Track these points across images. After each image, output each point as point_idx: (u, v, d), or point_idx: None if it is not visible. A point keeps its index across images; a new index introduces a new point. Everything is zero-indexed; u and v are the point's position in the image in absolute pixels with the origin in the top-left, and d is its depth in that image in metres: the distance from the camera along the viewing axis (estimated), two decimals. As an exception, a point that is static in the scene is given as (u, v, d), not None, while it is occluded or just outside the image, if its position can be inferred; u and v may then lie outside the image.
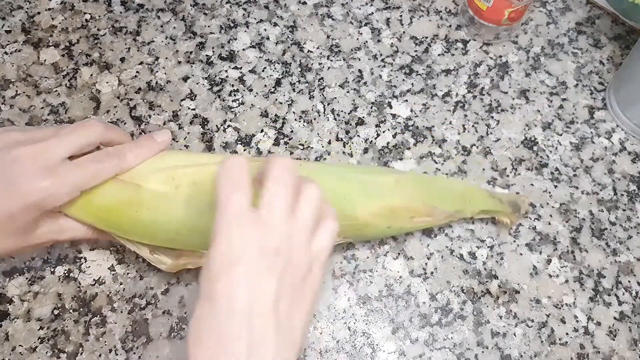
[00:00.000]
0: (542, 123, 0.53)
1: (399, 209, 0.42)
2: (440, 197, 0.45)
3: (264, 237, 0.30)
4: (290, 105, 0.53)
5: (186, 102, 0.52)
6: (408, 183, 0.44)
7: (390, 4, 0.59)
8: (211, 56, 0.55)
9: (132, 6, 0.57)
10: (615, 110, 0.53)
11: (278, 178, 0.31)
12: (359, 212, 0.41)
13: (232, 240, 0.29)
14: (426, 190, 0.45)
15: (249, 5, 0.58)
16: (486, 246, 0.47)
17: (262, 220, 0.30)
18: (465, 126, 0.53)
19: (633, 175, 0.51)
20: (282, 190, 0.31)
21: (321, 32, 0.57)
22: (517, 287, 0.46)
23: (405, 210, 0.43)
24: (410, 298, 0.45)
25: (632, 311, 0.45)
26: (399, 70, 0.55)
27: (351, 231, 0.42)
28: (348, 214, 0.41)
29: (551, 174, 0.51)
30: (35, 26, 0.55)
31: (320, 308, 0.45)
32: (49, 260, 0.45)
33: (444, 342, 0.44)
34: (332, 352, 0.43)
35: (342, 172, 0.44)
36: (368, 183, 0.43)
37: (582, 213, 0.49)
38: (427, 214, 0.43)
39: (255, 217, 0.30)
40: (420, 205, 0.43)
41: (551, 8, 0.59)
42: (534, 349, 0.44)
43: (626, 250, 0.48)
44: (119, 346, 0.43)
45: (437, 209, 0.44)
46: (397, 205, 0.42)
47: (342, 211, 0.40)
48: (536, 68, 0.56)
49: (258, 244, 0.29)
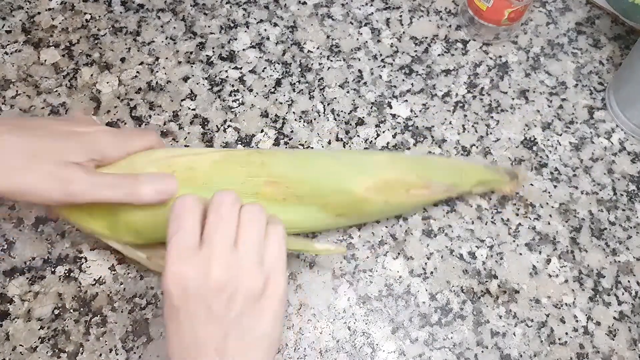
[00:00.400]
0: (542, 123, 0.53)
1: (393, 181, 0.43)
2: (434, 170, 0.46)
3: (205, 276, 0.31)
4: (291, 106, 0.53)
5: (186, 102, 0.53)
6: (402, 160, 0.46)
7: (390, 4, 0.59)
8: (211, 56, 0.55)
9: (132, 6, 0.57)
10: (614, 110, 0.53)
11: (217, 211, 0.33)
12: (354, 187, 0.42)
13: (175, 285, 0.31)
14: (420, 165, 0.46)
15: (249, 5, 0.58)
16: (486, 246, 0.48)
17: (203, 257, 0.31)
18: (465, 126, 0.53)
19: (632, 175, 0.51)
20: (222, 223, 0.32)
21: (321, 33, 0.57)
22: (516, 287, 0.46)
23: (401, 183, 0.44)
24: (410, 298, 0.45)
25: (631, 311, 0.46)
26: (399, 71, 0.55)
27: (349, 208, 0.43)
28: (344, 189, 0.42)
29: (551, 174, 0.51)
30: (36, 26, 0.55)
31: (320, 308, 0.45)
32: (50, 260, 0.46)
33: (444, 341, 0.44)
34: (332, 352, 0.43)
35: (336, 154, 0.45)
36: (362, 161, 0.44)
37: (582, 213, 0.49)
38: (422, 187, 0.44)
39: (195, 257, 0.31)
40: (415, 177, 0.44)
41: (551, 8, 0.59)
42: (534, 349, 0.44)
43: (626, 250, 0.48)
44: (120, 346, 0.43)
45: (433, 182, 0.45)
46: (392, 178, 0.43)
47: (338, 186, 0.41)
48: (536, 68, 0.56)
49: (198, 287, 0.31)
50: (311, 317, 0.44)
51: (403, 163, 0.45)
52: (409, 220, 0.48)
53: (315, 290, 0.45)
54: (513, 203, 0.49)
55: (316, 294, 0.45)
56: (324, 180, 0.42)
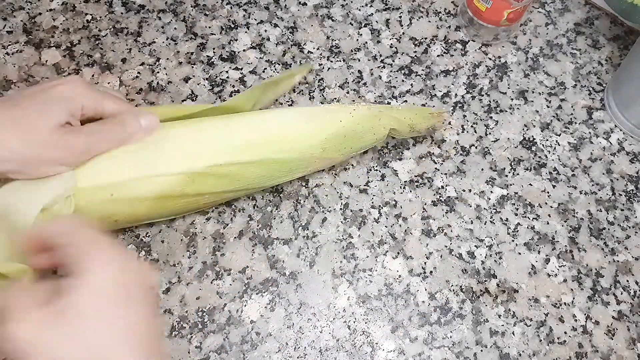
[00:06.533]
0: (541, 123, 0.53)
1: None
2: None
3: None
4: (291, 106, 0.53)
5: (187, 102, 0.53)
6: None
7: (390, 5, 0.59)
8: (212, 57, 0.55)
9: (133, 7, 0.57)
10: (613, 110, 0.53)
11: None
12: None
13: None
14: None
15: (250, 6, 0.58)
16: (485, 245, 0.48)
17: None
18: (464, 126, 0.53)
19: (631, 175, 0.51)
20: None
21: (321, 33, 0.57)
22: (515, 287, 0.46)
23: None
24: (409, 297, 0.46)
25: (630, 310, 0.46)
26: (399, 71, 0.55)
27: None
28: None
29: (550, 174, 0.51)
30: (37, 27, 0.56)
31: (320, 307, 0.45)
32: (51, 260, 0.46)
33: (443, 340, 0.44)
34: (332, 351, 0.44)
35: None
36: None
37: (581, 213, 0.49)
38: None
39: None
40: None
41: (550, 9, 0.59)
42: (533, 348, 0.44)
43: (624, 250, 0.48)
44: (120, 345, 0.43)
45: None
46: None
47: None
48: (535, 69, 0.56)
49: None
50: (311, 316, 0.45)
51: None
52: (408, 220, 0.48)
53: (315, 290, 0.46)
54: (512, 203, 0.49)
55: (316, 293, 0.46)
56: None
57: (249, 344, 0.44)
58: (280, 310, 0.45)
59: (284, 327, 0.44)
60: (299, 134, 0.44)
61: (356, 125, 0.45)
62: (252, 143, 0.43)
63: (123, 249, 0.32)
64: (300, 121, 0.44)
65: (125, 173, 0.40)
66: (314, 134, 0.44)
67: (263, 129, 0.44)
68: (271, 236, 0.47)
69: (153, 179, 0.40)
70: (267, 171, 0.44)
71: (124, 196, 0.40)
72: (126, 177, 0.40)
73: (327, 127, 0.45)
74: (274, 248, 0.47)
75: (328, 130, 0.44)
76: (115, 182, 0.39)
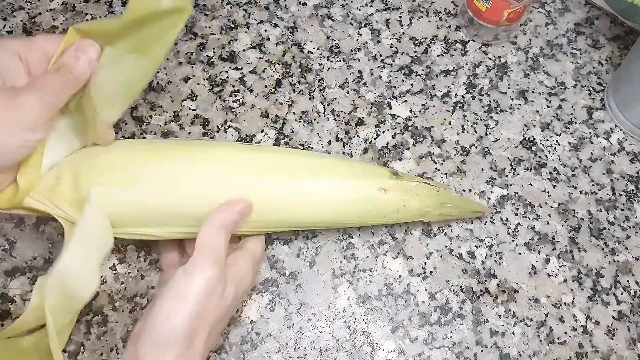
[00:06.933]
0: (541, 123, 0.53)
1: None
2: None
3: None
4: (291, 106, 0.53)
5: (187, 102, 0.53)
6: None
7: (390, 5, 0.59)
8: (212, 57, 0.55)
9: (133, 7, 0.57)
10: (613, 110, 0.53)
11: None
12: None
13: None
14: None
15: (250, 6, 0.58)
16: (485, 246, 0.48)
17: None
18: (464, 126, 0.53)
19: (631, 175, 0.51)
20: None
21: (321, 33, 0.57)
22: (515, 287, 0.46)
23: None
24: (409, 297, 0.46)
25: (630, 310, 0.46)
26: (399, 71, 0.55)
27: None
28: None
29: (550, 174, 0.51)
30: (37, 27, 0.56)
31: (320, 307, 0.45)
32: (51, 260, 0.46)
33: (443, 341, 0.44)
34: (332, 351, 0.44)
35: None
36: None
37: (581, 213, 0.49)
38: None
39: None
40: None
41: (550, 9, 0.59)
42: (533, 348, 0.44)
43: (624, 250, 0.48)
44: (120, 345, 0.43)
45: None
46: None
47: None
48: (535, 69, 0.56)
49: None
50: (311, 317, 0.45)
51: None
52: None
53: (315, 290, 0.46)
54: (512, 203, 0.49)
55: (316, 293, 0.46)
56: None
57: (248, 344, 0.44)
58: (280, 310, 0.45)
59: (283, 327, 0.44)
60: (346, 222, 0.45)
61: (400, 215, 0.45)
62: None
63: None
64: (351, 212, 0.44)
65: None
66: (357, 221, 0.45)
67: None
68: (271, 236, 0.47)
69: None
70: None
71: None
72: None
73: (373, 219, 0.45)
74: (274, 248, 0.47)
75: (374, 221, 0.45)
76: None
